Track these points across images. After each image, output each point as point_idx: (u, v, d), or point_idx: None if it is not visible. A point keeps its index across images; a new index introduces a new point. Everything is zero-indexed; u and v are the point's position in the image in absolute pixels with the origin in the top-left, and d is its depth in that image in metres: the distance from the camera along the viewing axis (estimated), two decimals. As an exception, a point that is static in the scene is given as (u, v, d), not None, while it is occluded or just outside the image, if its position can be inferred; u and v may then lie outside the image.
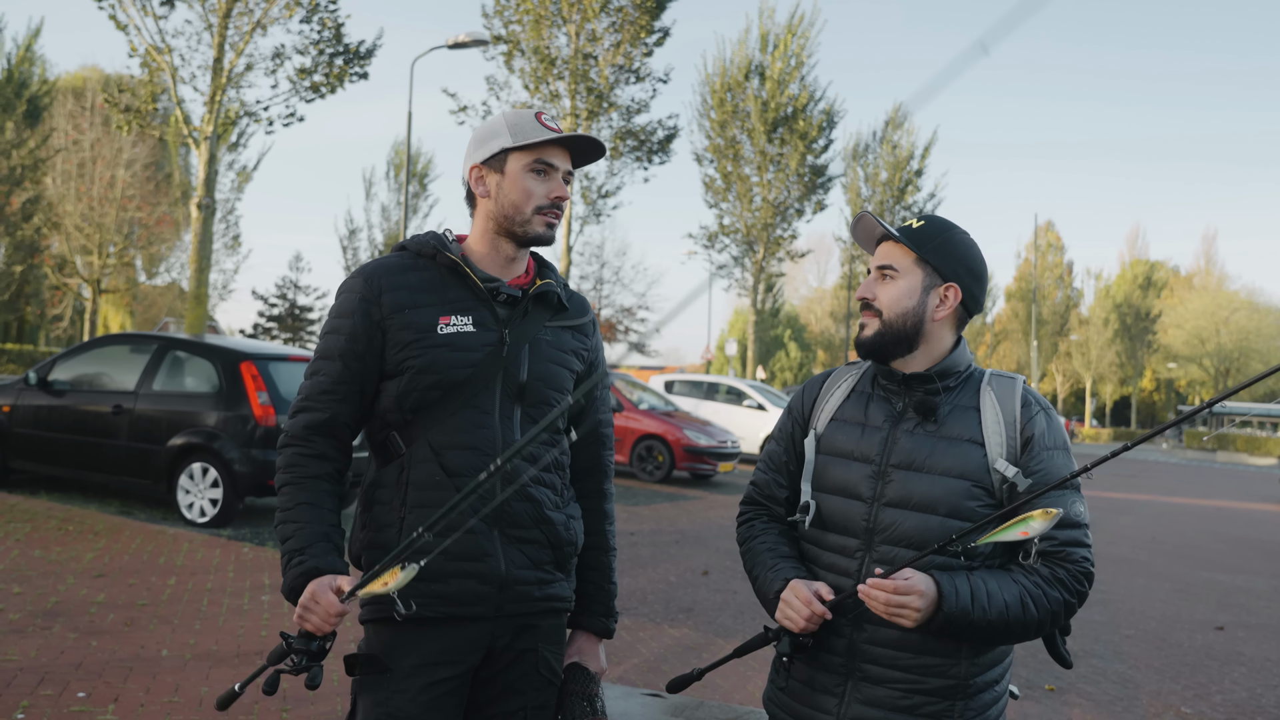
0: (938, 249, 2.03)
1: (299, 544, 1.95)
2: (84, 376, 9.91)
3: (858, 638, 1.96)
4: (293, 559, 1.94)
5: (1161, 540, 13.81)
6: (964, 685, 1.94)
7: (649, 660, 5.91)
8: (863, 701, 1.96)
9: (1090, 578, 1.93)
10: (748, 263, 34.43)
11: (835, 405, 2.13)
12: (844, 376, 2.19)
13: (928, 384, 2.03)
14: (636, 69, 25.96)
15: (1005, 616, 1.85)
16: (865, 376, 2.15)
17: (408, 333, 2.04)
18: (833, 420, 2.11)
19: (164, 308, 46.56)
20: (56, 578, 6.63)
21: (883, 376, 2.09)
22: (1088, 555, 1.94)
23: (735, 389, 21.25)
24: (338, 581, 1.87)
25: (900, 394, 2.06)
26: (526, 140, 2.09)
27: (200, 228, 17.53)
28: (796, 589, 1.94)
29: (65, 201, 34.97)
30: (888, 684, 1.94)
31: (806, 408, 2.19)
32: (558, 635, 2.18)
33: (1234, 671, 6.75)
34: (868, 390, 2.12)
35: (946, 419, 2.00)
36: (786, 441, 2.20)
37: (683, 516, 12.24)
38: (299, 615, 1.86)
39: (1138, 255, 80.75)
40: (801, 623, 1.91)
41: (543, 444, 2.12)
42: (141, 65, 17.44)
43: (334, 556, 1.95)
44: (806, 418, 2.18)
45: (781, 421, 2.25)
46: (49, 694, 4.49)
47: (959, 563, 1.92)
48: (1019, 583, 1.89)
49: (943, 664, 1.93)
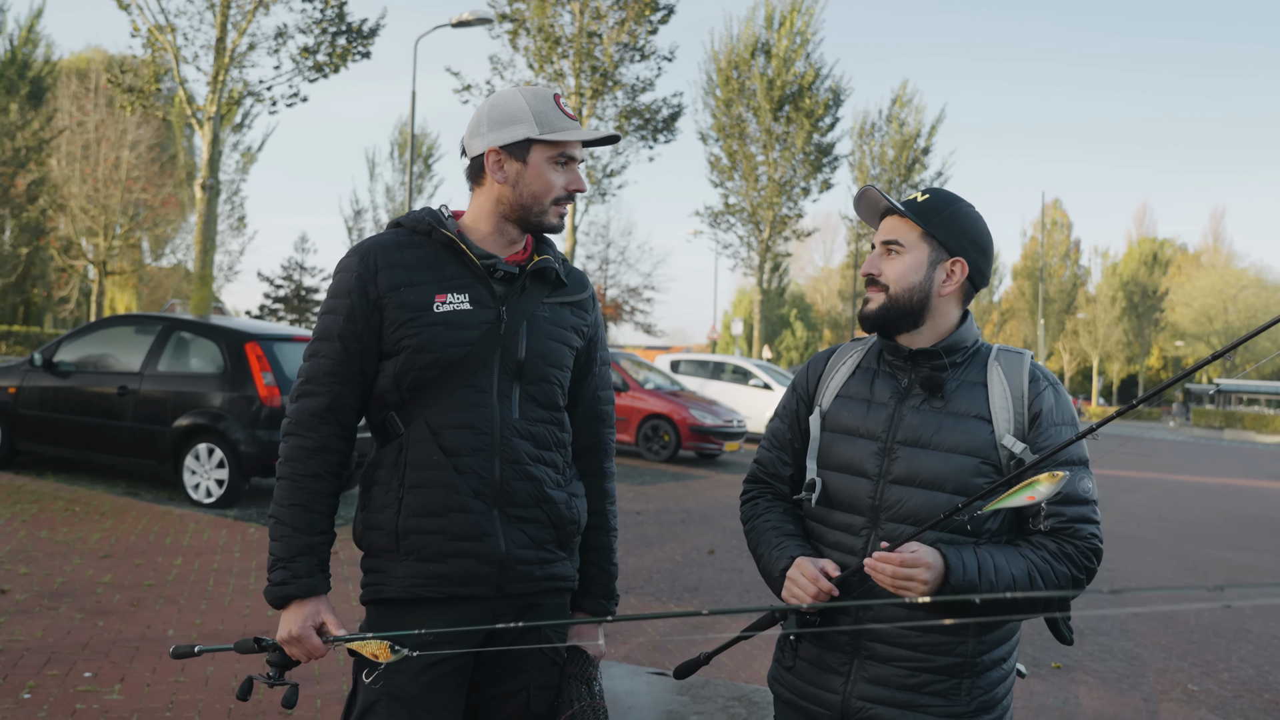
0: (944, 223, 2.00)
1: (283, 552, 1.98)
2: (89, 358, 9.91)
3: (864, 616, 1.93)
4: (274, 567, 1.99)
5: (1169, 518, 13.78)
6: (971, 663, 1.92)
7: (654, 639, 5.91)
8: (869, 680, 1.94)
9: (1099, 555, 1.90)
10: (753, 242, 34.33)
11: (840, 381, 2.10)
12: (849, 353, 2.15)
13: (934, 359, 2.00)
14: (641, 47, 25.84)
15: (1013, 590, 1.82)
16: (871, 353, 2.12)
17: (404, 311, 2.01)
18: (838, 397, 2.08)
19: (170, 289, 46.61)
20: (63, 558, 6.65)
21: (888, 352, 2.06)
22: (1096, 532, 1.90)
23: (741, 368, 21.22)
24: (321, 617, 1.95)
25: (906, 370, 2.03)
26: (554, 136, 2.05)
27: (205, 209, 17.52)
28: (802, 566, 1.91)
29: (70, 183, 34.96)
30: (895, 662, 1.92)
31: (811, 384, 2.16)
32: (560, 614, 2.16)
33: (1241, 649, 6.74)
34: (873, 366, 2.09)
35: (953, 395, 1.97)
36: (791, 419, 2.17)
37: (689, 496, 12.24)
38: (283, 641, 1.94)
39: (1145, 233, 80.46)
40: (808, 600, 1.88)
41: (541, 422, 2.10)
42: (144, 45, 17.39)
43: (315, 576, 1.98)
44: (811, 394, 2.15)
45: (786, 398, 2.21)
46: (55, 674, 4.51)
47: (966, 537, 1.89)
48: (1027, 557, 1.87)
49: (950, 642, 1.91)
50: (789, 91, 32.81)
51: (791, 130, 32.93)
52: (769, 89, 32.69)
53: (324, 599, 2.00)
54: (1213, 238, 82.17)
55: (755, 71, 32.94)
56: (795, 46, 33.15)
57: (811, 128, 32.92)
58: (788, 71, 32.87)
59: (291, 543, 1.99)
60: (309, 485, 2.01)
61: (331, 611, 2.00)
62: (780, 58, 32.89)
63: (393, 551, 2.02)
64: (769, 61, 33.10)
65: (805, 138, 32.84)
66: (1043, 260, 55.87)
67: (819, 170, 33.76)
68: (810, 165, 33.43)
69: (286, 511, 2.00)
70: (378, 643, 1.86)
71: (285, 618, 1.96)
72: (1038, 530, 1.91)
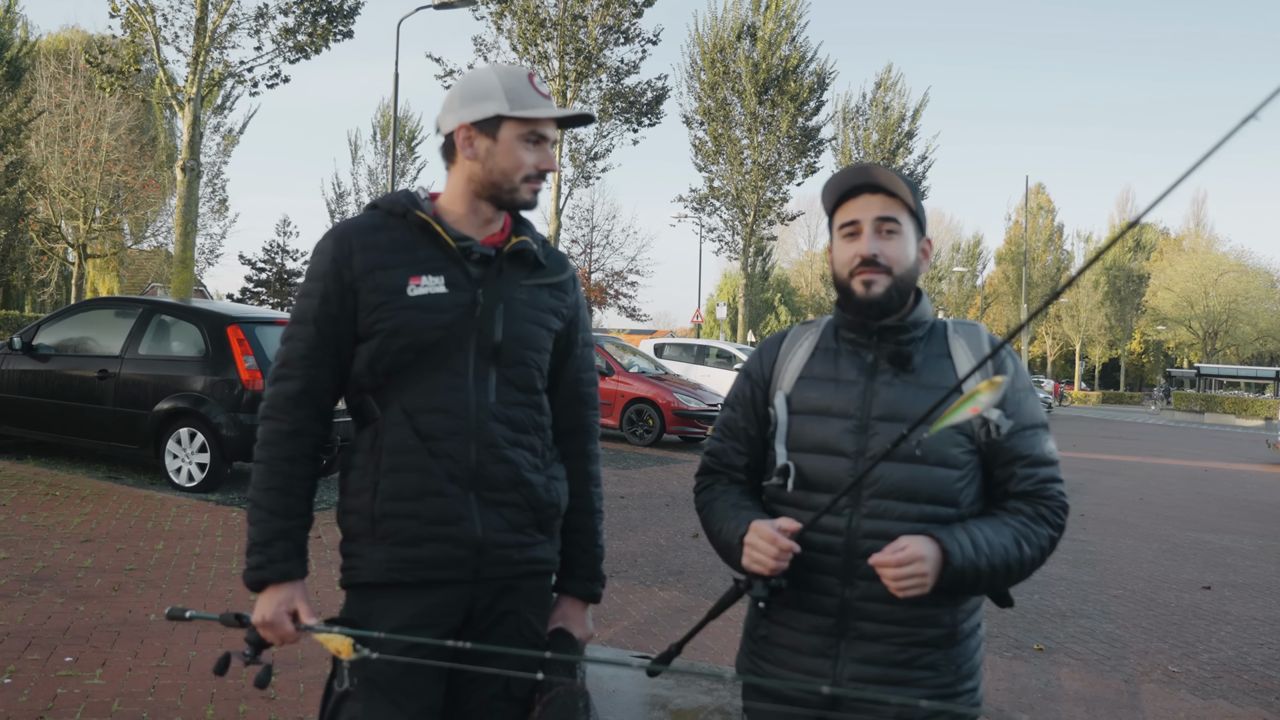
0: (919, 201, 2.01)
1: (260, 536, 1.99)
2: (69, 341, 9.83)
3: (850, 596, 1.92)
4: (251, 551, 1.99)
5: (1149, 501, 13.88)
6: (954, 632, 1.94)
7: (639, 623, 5.92)
8: (859, 660, 1.93)
9: (1067, 510, 1.96)
10: (738, 226, 34.29)
11: (800, 363, 2.07)
12: (803, 334, 2.13)
13: (901, 334, 1.99)
14: (625, 29, 25.72)
15: (1006, 559, 1.86)
16: (827, 332, 2.10)
17: (378, 294, 1.99)
18: (801, 378, 2.05)
19: (151, 272, 46.22)
20: (43, 542, 6.60)
21: (849, 329, 2.03)
22: (1063, 490, 1.97)
23: (726, 352, 21.24)
24: (294, 604, 1.96)
25: (870, 346, 2.01)
26: (524, 112, 2.02)
27: (186, 191, 17.38)
28: (758, 529, 1.88)
29: (49, 165, 34.57)
30: (884, 640, 1.91)
31: (766, 369, 2.12)
32: (541, 597, 2.15)
33: (1220, 630, 6.80)
34: (833, 345, 2.06)
35: (921, 368, 1.98)
36: (746, 407, 2.13)
37: (673, 480, 12.25)
38: (258, 624, 1.96)
39: (1128, 218, 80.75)
40: (771, 563, 1.85)
41: (518, 405, 2.08)
42: (124, 26, 17.19)
43: (291, 561, 1.99)
44: (768, 380, 2.11)
45: (738, 387, 2.17)
46: (36, 658, 4.48)
47: (951, 513, 1.90)
48: (1009, 525, 1.90)
49: (935, 613, 1.91)
50: (774, 75, 32.73)
51: (776, 114, 32.86)
52: (754, 72, 32.60)
53: (299, 585, 1.99)
54: (1194, 222, 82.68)
55: (741, 55, 32.84)
56: (781, 30, 33.06)
57: (796, 111, 32.85)
58: (773, 55, 32.78)
59: (268, 527, 1.98)
60: (285, 469, 2.00)
61: (305, 599, 1.99)
62: (766, 41, 32.79)
63: (369, 535, 2.00)
64: (754, 45, 32.99)
65: (790, 121, 32.77)
66: (1026, 244, 55.97)
67: (804, 154, 33.72)
68: (795, 149, 33.38)
69: (263, 495, 2.00)
70: (341, 638, 1.86)
71: (260, 601, 1.96)
72: (1011, 494, 1.94)
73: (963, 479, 1.93)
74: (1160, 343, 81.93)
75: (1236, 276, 70.43)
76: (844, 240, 2.01)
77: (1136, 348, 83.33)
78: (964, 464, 1.93)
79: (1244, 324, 70.69)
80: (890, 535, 1.87)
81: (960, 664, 1.95)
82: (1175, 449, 26.31)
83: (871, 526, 1.90)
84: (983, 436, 1.93)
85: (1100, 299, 72.95)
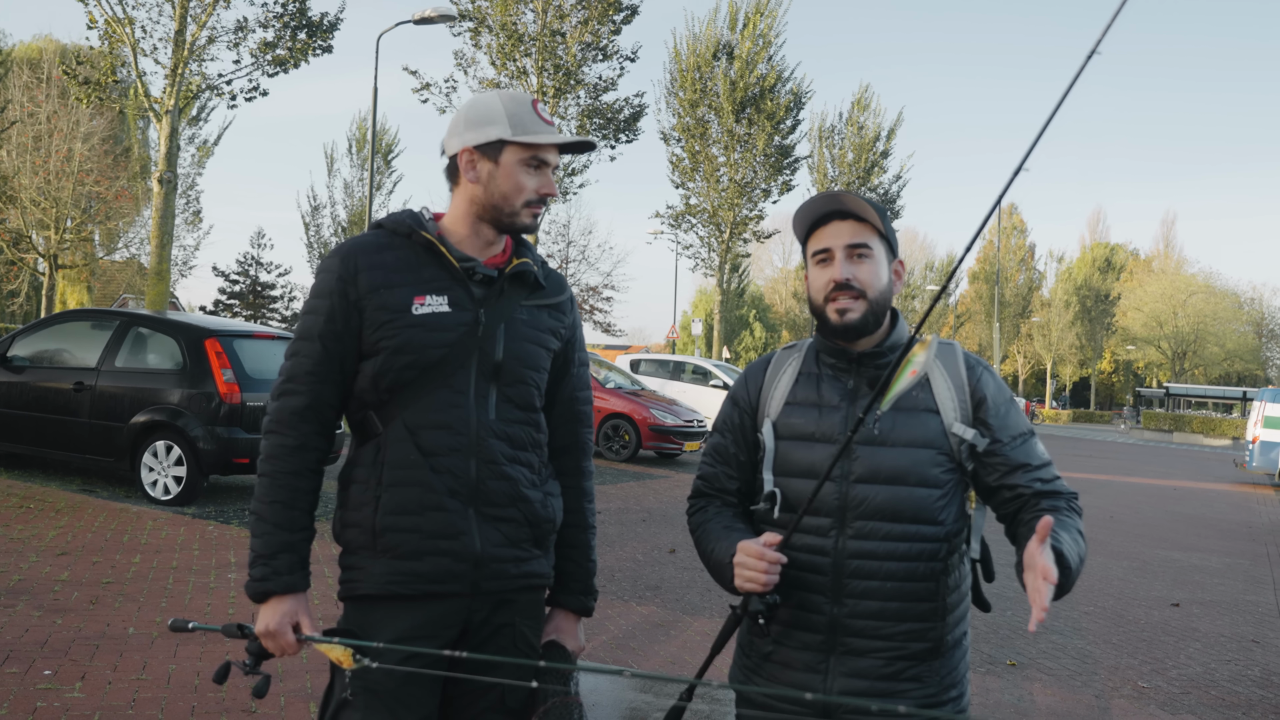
0: (888, 224, 2.05)
1: (264, 549, 2.02)
2: (44, 353, 9.77)
3: (839, 613, 1.97)
4: (255, 563, 2.03)
5: (1119, 519, 14.04)
6: (940, 645, 1.99)
7: (617, 637, 5.95)
8: (847, 674, 1.98)
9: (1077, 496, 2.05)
10: (714, 243, 34.40)
11: (786, 389, 2.11)
12: (787, 360, 2.17)
13: (878, 359, 2.04)
14: (604, 46, 25.83)
15: (1079, 552, 1.86)
16: (809, 357, 2.14)
17: (383, 313, 2.04)
18: (786, 404, 2.10)
19: (123, 284, 45.78)
20: (19, 555, 6.56)
21: (829, 354, 2.08)
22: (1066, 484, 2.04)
23: (701, 368, 21.31)
24: (297, 616, 2.00)
25: (850, 371, 2.06)
26: (527, 138, 2.08)
27: (161, 203, 17.28)
28: (745, 548, 1.93)
29: (20, 175, 34.23)
30: (872, 654, 1.97)
31: (753, 396, 2.16)
32: (536, 610, 2.20)
33: (1189, 647, 6.91)
34: (814, 370, 2.11)
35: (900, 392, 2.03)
36: (735, 433, 2.17)
37: (649, 495, 12.29)
38: (260, 634, 2.00)
39: (1098, 238, 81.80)
40: (762, 577, 1.89)
41: (517, 423, 2.13)
42: (101, 37, 17.11)
43: (295, 574, 2.03)
44: (755, 406, 2.15)
45: (726, 413, 2.21)
46: (14, 672, 4.46)
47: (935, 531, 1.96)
48: (1066, 522, 1.90)
49: (922, 628, 1.97)
50: (751, 94, 32.94)
51: (753, 132, 33.05)
52: (731, 91, 32.80)
53: (302, 597, 2.03)
54: (1164, 244, 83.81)
55: (719, 73, 33.03)
56: (758, 49, 33.29)
57: (773, 130, 33.06)
58: (750, 74, 33.00)
59: (272, 539, 2.02)
60: (289, 483, 2.04)
61: (308, 611, 2.04)
62: (743, 60, 33.01)
63: (369, 549, 2.04)
64: (732, 63, 33.20)
65: (766, 140, 32.97)
66: (999, 264, 56.48)
67: (779, 172, 33.89)
68: (771, 167, 33.55)
69: (267, 508, 2.04)
70: (342, 648, 1.91)
71: (264, 612, 2.00)
72: (1034, 495, 1.97)
73: (943, 497, 1.98)
74: (1130, 362, 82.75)
75: (1205, 298, 71.37)
76: (817, 267, 2.06)
77: (1107, 367, 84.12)
78: (944, 483, 1.99)
79: (1212, 344, 71.55)
80: (876, 555, 1.95)
81: (944, 675, 2.01)
82: (1145, 468, 26.59)
83: (857, 547, 1.96)
84: (963, 454, 2.00)
85: (1071, 318, 73.65)
